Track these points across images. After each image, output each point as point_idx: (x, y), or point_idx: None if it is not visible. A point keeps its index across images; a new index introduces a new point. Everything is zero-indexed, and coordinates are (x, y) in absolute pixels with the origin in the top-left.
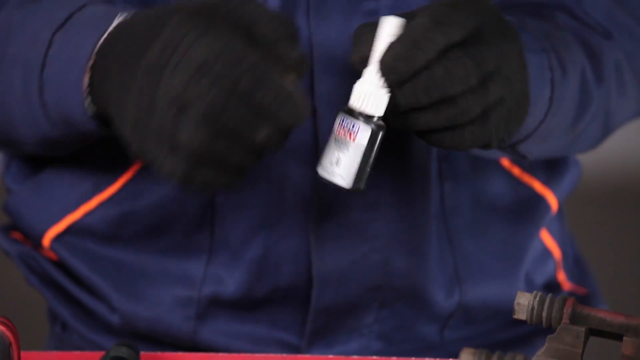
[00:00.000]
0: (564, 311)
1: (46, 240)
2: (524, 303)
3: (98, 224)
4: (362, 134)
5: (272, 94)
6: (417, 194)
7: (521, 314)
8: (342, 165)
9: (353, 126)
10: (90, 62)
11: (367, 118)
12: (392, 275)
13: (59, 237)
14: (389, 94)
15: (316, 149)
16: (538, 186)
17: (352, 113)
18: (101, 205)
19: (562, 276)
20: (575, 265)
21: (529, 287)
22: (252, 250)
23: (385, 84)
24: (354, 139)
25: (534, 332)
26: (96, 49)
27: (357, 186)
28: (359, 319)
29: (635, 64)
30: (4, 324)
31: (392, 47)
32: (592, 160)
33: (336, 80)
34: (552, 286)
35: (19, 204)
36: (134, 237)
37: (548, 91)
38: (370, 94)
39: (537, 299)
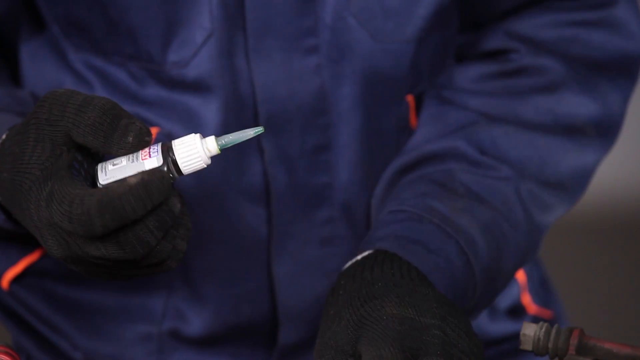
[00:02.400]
0: (570, 342)
1: (4, 282)
2: (529, 334)
3: (56, 264)
4: None
5: (141, 205)
6: (370, 227)
7: (527, 345)
8: None
9: None
10: None
11: None
12: None
13: (17, 279)
14: None
15: (267, 189)
16: None
17: None
18: None
19: (527, 299)
20: (541, 286)
21: (492, 313)
22: (212, 288)
23: None
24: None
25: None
26: None
27: None
28: None
29: (547, 177)
30: (8, 353)
31: None
32: None
33: (281, 119)
34: (516, 309)
35: None
36: None
37: (470, 271)
38: None
39: (543, 329)
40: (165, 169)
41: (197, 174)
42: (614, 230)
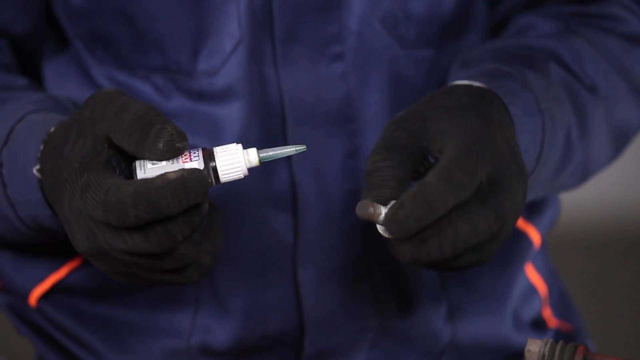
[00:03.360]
0: (575, 359)
1: (32, 299)
2: (534, 350)
3: (83, 280)
4: None
5: (175, 201)
6: None
7: None
8: None
9: None
10: (38, 176)
11: None
12: (382, 316)
13: (45, 296)
14: None
15: (294, 196)
16: (520, 222)
17: None
18: (85, 262)
19: (547, 313)
20: (561, 301)
21: (517, 324)
22: (239, 299)
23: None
24: None
25: None
26: (39, 159)
27: None
28: (350, 359)
29: (613, 116)
30: None
31: (403, 205)
32: (577, 201)
33: (309, 124)
34: (538, 323)
35: (3, 263)
36: (120, 292)
37: (536, 152)
38: None
39: (548, 346)
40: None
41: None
42: (633, 246)
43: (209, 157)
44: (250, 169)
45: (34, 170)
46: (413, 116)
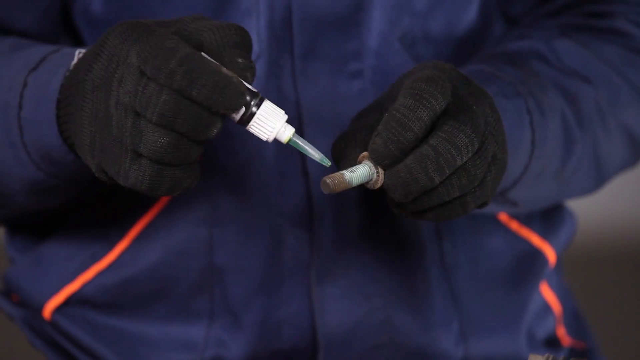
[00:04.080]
0: None
1: (46, 312)
2: None
3: (96, 293)
4: None
5: (211, 82)
6: (412, 253)
7: None
8: None
9: None
10: (58, 96)
11: None
12: (395, 333)
13: (59, 309)
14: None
15: (310, 212)
16: (536, 240)
17: None
18: (99, 274)
19: (561, 331)
20: (574, 319)
21: (531, 342)
22: (253, 313)
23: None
24: None
25: None
26: (62, 81)
27: None
28: None
29: (617, 110)
30: None
31: (379, 134)
32: (591, 219)
33: (326, 141)
34: (552, 341)
35: (18, 275)
36: (133, 304)
37: (528, 134)
38: None
39: None
40: (243, 109)
41: (241, 194)
42: None
43: (256, 98)
44: (266, 184)
45: (59, 83)
46: (376, 100)
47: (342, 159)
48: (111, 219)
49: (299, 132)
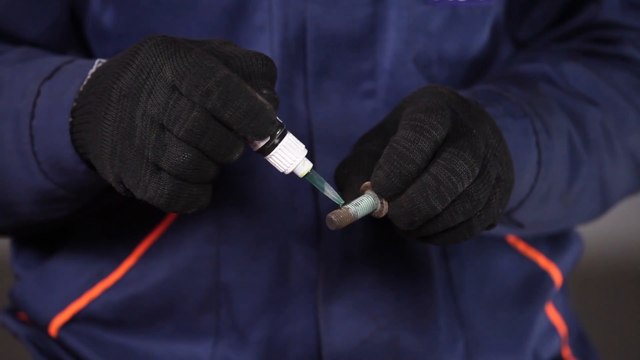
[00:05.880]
0: None
1: (53, 329)
2: None
3: (103, 310)
4: None
5: (245, 106)
6: (419, 273)
7: None
8: None
9: None
10: (73, 104)
11: None
12: (401, 353)
13: (65, 326)
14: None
15: (318, 230)
16: (542, 261)
17: None
18: (105, 291)
19: (567, 352)
20: (580, 340)
21: None
22: (259, 331)
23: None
24: None
25: None
26: (79, 91)
27: None
28: None
29: (623, 134)
30: None
31: (381, 167)
32: (597, 241)
33: (336, 161)
34: None
35: (24, 292)
36: (140, 322)
37: (535, 154)
38: None
39: None
40: (268, 139)
41: (248, 211)
42: None
43: (280, 129)
44: (274, 201)
45: (75, 92)
46: (378, 125)
47: (346, 186)
48: (118, 236)
49: (310, 150)
